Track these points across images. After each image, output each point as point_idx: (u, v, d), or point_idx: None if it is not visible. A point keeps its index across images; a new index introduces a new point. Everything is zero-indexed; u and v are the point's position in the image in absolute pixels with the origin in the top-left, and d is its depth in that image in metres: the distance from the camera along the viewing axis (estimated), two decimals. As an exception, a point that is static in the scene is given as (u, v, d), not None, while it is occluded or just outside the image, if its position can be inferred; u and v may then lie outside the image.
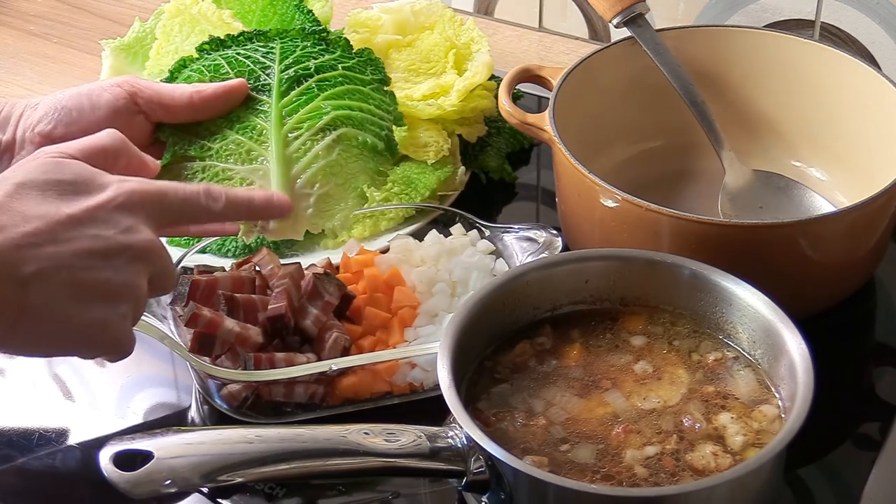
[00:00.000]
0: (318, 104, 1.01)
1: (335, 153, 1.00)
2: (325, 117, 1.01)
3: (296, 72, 1.03)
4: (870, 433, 1.01)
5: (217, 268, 1.05)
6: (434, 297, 1.04)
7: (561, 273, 0.98)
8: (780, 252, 1.01)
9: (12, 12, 1.59)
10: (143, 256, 0.84)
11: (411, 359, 0.99)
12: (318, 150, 0.99)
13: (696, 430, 0.89)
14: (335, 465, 0.86)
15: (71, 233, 0.81)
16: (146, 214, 0.85)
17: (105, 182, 0.85)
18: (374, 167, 1.02)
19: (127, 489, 0.83)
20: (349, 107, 1.02)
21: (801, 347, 0.88)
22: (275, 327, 0.99)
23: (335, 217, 1.01)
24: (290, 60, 1.03)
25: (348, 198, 1.01)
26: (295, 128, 1.00)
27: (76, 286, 0.81)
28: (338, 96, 1.02)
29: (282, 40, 1.05)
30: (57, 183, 0.83)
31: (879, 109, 1.13)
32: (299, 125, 1.00)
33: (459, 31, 1.32)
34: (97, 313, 0.82)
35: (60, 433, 1.02)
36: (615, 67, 1.20)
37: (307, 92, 1.02)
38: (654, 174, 1.22)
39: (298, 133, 1.00)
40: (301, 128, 1.00)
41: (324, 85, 1.02)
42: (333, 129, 1.01)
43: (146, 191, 0.86)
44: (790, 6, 1.36)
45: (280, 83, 1.02)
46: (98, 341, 0.83)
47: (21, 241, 0.79)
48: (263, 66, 1.03)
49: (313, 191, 0.99)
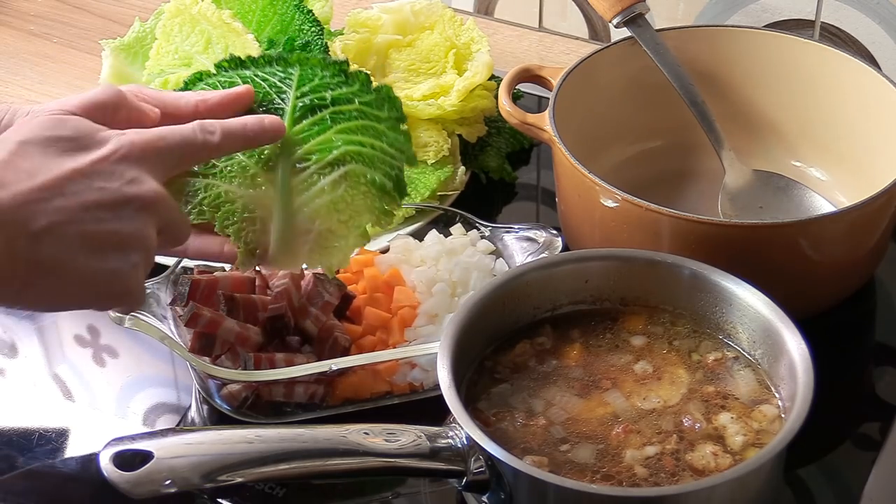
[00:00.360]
0: (330, 137, 0.97)
1: (341, 189, 0.96)
2: (335, 151, 0.96)
3: (311, 100, 0.98)
4: (870, 433, 1.01)
5: (217, 268, 1.05)
6: (434, 297, 1.04)
7: (561, 273, 0.98)
8: (780, 252, 1.01)
9: (12, 12, 1.59)
10: (149, 206, 0.85)
11: (411, 359, 0.99)
12: (325, 184, 0.95)
13: (696, 430, 0.89)
14: (335, 465, 0.86)
15: (77, 186, 0.82)
16: (150, 164, 0.86)
17: (105, 137, 0.86)
18: (381, 206, 0.98)
19: (127, 489, 0.83)
20: (361, 143, 0.97)
21: (801, 347, 0.88)
22: (275, 327, 0.99)
23: (334, 255, 0.97)
24: (306, 88, 0.99)
25: (350, 235, 0.97)
26: (304, 158, 0.96)
27: (86, 238, 0.82)
28: (351, 131, 0.97)
29: (301, 67, 1.00)
30: (58, 139, 0.84)
31: (879, 109, 1.13)
32: (308, 156, 0.96)
33: (459, 31, 1.32)
34: (109, 264, 0.83)
35: (60, 433, 1.02)
36: (615, 67, 1.19)
37: (320, 122, 0.98)
38: (654, 174, 1.22)
39: (307, 165, 0.96)
40: (310, 159, 0.96)
41: (338, 117, 0.98)
42: (342, 165, 0.96)
43: (145, 140, 0.87)
44: (790, 6, 1.36)
45: (294, 110, 0.98)
46: (111, 292, 0.85)
47: (29, 196, 0.80)
48: (279, 91, 0.99)
49: (314, 226, 0.96)
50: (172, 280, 1.02)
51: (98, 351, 1.10)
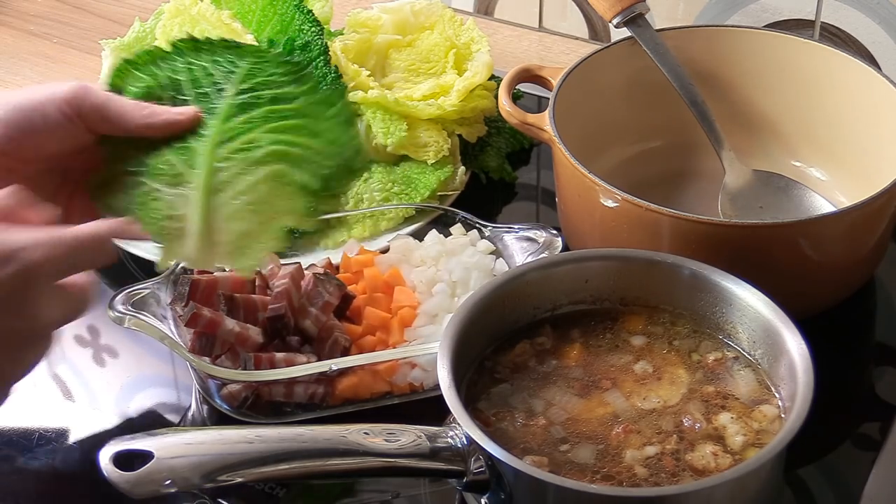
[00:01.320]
0: (257, 136, 0.94)
1: (262, 191, 0.93)
2: (259, 151, 0.93)
3: (249, 98, 0.96)
4: (870, 433, 1.01)
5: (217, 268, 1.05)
6: (434, 297, 1.04)
7: (561, 273, 0.98)
8: (780, 252, 1.01)
9: (12, 12, 1.59)
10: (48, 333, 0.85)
11: (411, 359, 0.99)
12: (245, 185, 0.92)
13: (696, 430, 0.89)
14: (335, 465, 0.86)
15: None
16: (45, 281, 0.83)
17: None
18: (304, 207, 0.94)
19: (127, 489, 0.82)
20: (290, 142, 0.94)
21: (801, 347, 0.88)
22: (275, 327, 0.99)
23: (249, 256, 0.93)
24: (247, 85, 0.96)
25: (268, 238, 0.93)
26: (227, 157, 0.93)
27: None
28: (281, 130, 0.95)
29: (252, 61, 0.98)
30: None
31: (879, 109, 1.13)
32: (232, 156, 0.94)
33: (459, 31, 1.32)
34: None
35: (60, 433, 1.02)
36: (615, 67, 1.20)
37: (251, 121, 0.95)
38: (654, 174, 1.22)
39: (229, 164, 0.93)
40: (233, 159, 0.93)
41: (271, 117, 0.95)
42: (266, 165, 0.93)
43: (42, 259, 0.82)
44: (790, 6, 1.36)
45: (229, 108, 0.95)
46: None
47: None
48: (220, 88, 0.96)
49: (232, 227, 0.92)
50: (172, 280, 1.02)
51: (98, 351, 1.10)
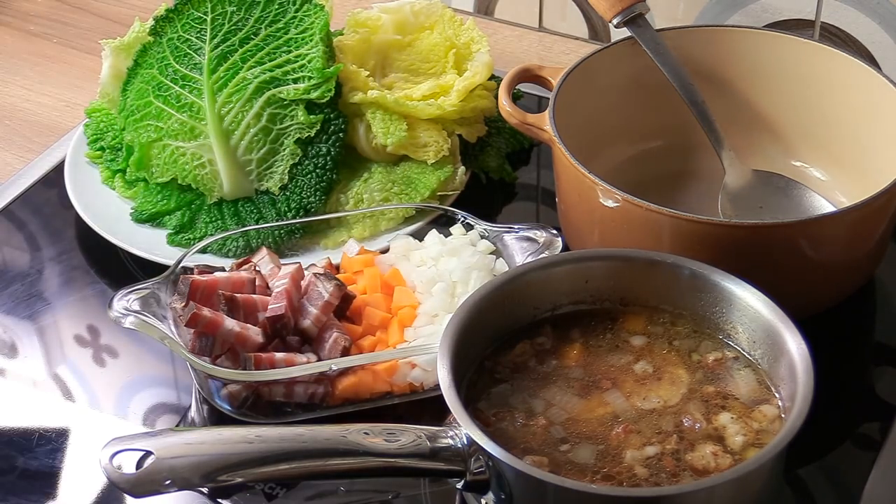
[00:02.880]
0: (243, 76, 1.14)
1: (264, 118, 1.14)
2: (249, 87, 1.14)
3: (222, 50, 1.14)
4: (870, 433, 1.01)
5: (217, 268, 1.05)
6: (434, 297, 1.04)
7: (561, 273, 0.98)
8: (780, 252, 1.01)
9: (12, 12, 1.59)
10: None
11: (411, 359, 0.99)
12: (249, 119, 1.12)
13: (696, 430, 0.89)
14: (335, 465, 0.86)
15: None
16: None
17: None
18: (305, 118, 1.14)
19: (127, 489, 0.83)
20: (272, 67, 1.14)
21: (801, 347, 0.88)
22: (275, 327, 0.99)
23: (275, 174, 1.15)
24: (217, 39, 1.15)
25: (284, 152, 1.15)
26: (226, 102, 1.14)
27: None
28: (259, 62, 1.14)
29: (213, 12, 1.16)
30: None
31: (879, 109, 1.13)
32: (229, 100, 1.14)
33: (459, 31, 1.32)
34: None
35: (60, 433, 1.02)
36: (615, 67, 1.19)
37: (232, 67, 1.15)
38: (654, 174, 1.22)
39: (230, 107, 1.13)
40: (231, 101, 1.14)
41: (246, 56, 1.14)
42: (259, 96, 1.14)
43: None
44: (790, 6, 1.36)
45: (210, 62, 1.14)
46: None
47: None
48: (197, 49, 1.15)
49: (252, 156, 1.14)
50: (172, 280, 1.02)
51: (98, 351, 1.11)
